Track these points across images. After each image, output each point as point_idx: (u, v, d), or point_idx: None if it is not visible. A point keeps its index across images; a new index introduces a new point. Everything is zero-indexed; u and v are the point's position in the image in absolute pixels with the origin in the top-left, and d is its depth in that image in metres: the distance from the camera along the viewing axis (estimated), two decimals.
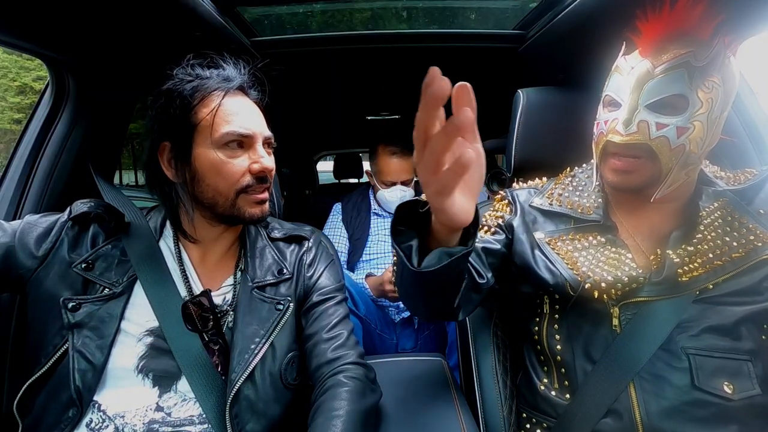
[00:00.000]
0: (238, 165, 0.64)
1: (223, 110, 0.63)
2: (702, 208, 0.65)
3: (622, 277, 0.63)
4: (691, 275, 0.61)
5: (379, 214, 1.65)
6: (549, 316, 0.70)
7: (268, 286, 0.69)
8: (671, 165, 0.61)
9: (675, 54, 0.59)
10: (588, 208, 0.72)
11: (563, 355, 0.67)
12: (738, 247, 0.61)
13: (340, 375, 0.64)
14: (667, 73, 0.59)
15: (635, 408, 0.60)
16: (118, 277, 0.64)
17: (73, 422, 0.57)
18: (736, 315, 0.59)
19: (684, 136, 0.59)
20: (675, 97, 0.59)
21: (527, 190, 0.81)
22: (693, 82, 0.58)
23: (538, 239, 0.72)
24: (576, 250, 0.69)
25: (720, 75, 0.59)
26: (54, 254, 0.63)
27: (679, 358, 0.60)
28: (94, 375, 0.58)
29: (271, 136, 0.69)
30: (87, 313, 0.60)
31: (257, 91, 0.71)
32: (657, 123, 0.60)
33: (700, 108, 0.59)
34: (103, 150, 1.03)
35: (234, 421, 0.58)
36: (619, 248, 0.67)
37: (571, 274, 0.66)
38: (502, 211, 0.81)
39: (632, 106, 0.62)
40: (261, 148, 0.66)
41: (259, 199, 0.66)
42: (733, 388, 0.57)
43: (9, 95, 10.43)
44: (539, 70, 1.24)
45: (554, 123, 0.91)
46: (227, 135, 0.63)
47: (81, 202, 0.68)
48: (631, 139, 0.62)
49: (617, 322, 0.64)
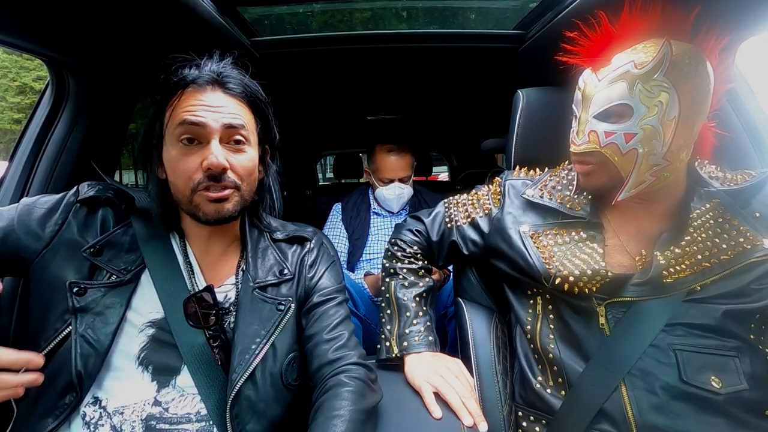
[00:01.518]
0: (191, 162, 0.60)
1: (183, 105, 0.61)
2: (693, 209, 0.66)
3: (587, 270, 0.65)
4: (677, 277, 0.62)
5: (379, 214, 1.65)
6: (542, 316, 0.72)
7: (270, 287, 0.69)
8: (629, 168, 0.64)
9: (616, 66, 0.64)
10: (577, 203, 0.74)
11: (555, 354, 0.68)
12: (727, 249, 0.62)
13: (342, 375, 0.64)
14: (609, 85, 0.64)
15: (627, 405, 0.61)
16: (127, 265, 0.63)
17: (69, 409, 0.56)
18: (722, 314, 0.60)
19: (633, 141, 0.63)
20: (619, 106, 0.63)
21: (522, 181, 0.84)
22: (634, 89, 0.61)
23: (522, 232, 0.76)
24: (556, 244, 0.72)
25: (668, 78, 0.60)
26: (61, 236, 0.62)
27: (667, 354, 0.61)
28: (96, 360, 0.57)
29: (239, 126, 0.62)
30: (92, 298, 0.59)
31: (240, 86, 0.65)
32: (605, 131, 0.64)
33: (646, 112, 0.61)
34: (103, 150, 1.03)
35: (234, 421, 0.58)
36: (595, 245, 0.69)
37: (545, 268, 0.69)
38: (492, 203, 0.85)
39: (583, 118, 0.67)
40: (215, 144, 0.60)
41: (213, 198, 0.61)
42: (721, 383, 0.58)
43: (9, 95, 10.44)
44: (539, 70, 1.24)
45: (554, 123, 0.91)
46: (178, 128, 0.60)
47: (88, 185, 0.67)
48: (585, 148, 0.67)
49: (604, 321, 0.66)
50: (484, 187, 0.91)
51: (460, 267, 0.95)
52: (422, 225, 0.93)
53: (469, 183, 1.00)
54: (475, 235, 0.85)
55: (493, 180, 0.91)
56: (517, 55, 1.21)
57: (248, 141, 0.65)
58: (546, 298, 0.72)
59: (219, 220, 0.63)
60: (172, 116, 0.62)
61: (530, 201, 0.79)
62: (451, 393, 0.68)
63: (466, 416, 0.64)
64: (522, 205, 0.80)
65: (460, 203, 0.91)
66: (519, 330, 0.77)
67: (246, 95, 0.66)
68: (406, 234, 0.93)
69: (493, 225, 0.81)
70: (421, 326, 0.80)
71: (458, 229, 0.87)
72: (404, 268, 0.88)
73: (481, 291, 0.90)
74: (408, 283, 0.86)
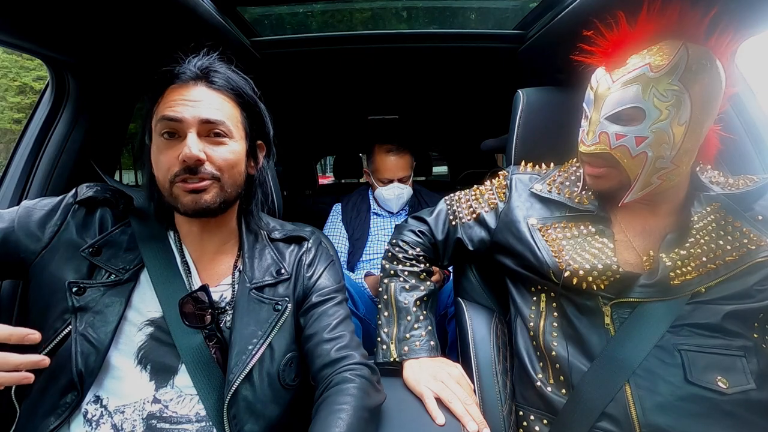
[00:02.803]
0: (170, 155, 0.61)
1: (165, 101, 0.62)
2: (694, 213, 0.66)
3: (598, 265, 0.65)
4: (684, 278, 0.62)
5: (379, 214, 1.65)
6: (546, 313, 0.72)
7: (267, 287, 0.69)
8: (637, 171, 0.64)
9: (631, 68, 0.63)
10: (584, 198, 0.74)
11: (558, 352, 0.68)
12: (731, 251, 0.62)
13: (347, 373, 0.64)
14: (623, 87, 0.63)
15: (631, 405, 0.61)
16: (125, 264, 0.64)
17: (71, 408, 0.56)
18: (726, 314, 0.60)
19: (643, 144, 0.62)
20: (631, 109, 0.62)
21: (529, 176, 0.84)
22: (648, 93, 0.61)
23: (531, 225, 0.76)
24: (565, 238, 0.72)
25: (682, 82, 0.60)
26: (60, 237, 0.63)
27: (672, 355, 0.60)
28: (97, 358, 0.58)
29: (217, 121, 0.62)
30: (91, 297, 0.60)
31: (224, 80, 0.65)
32: (616, 133, 0.64)
33: (659, 117, 0.61)
34: (103, 150, 1.02)
35: (232, 421, 0.58)
36: (605, 239, 0.69)
37: (555, 262, 0.69)
38: (497, 197, 0.85)
39: (595, 118, 0.67)
40: (190, 137, 0.60)
41: (189, 188, 0.61)
42: (727, 383, 0.58)
43: (9, 95, 10.42)
44: (539, 70, 1.24)
45: (554, 123, 0.91)
46: (159, 123, 0.61)
47: (87, 186, 0.68)
48: (595, 149, 0.67)
49: (609, 321, 0.65)
50: (487, 182, 0.90)
51: (460, 267, 0.94)
52: (425, 225, 0.92)
53: (469, 183, 1.00)
54: (481, 231, 0.84)
55: (495, 175, 0.90)
56: (517, 55, 1.21)
57: (230, 134, 0.64)
58: (550, 295, 0.72)
59: (198, 212, 0.62)
60: (156, 113, 0.63)
61: (538, 195, 0.79)
62: (454, 400, 0.67)
63: (470, 423, 0.64)
64: (529, 198, 0.80)
65: (462, 199, 0.90)
66: (521, 327, 0.76)
67: (230, 89, 0.66)
68: (408, 235, 0.92)
69: (501, 219, 0.81)
70: (422, 330, 0.80)
71: (463, 225, 0.87)
72: (405, 271, 0.88)
73: (482, 291, 0.90)
74: (409, 285, 0.86)
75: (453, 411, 0.66)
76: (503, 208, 0.82)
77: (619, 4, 0.68)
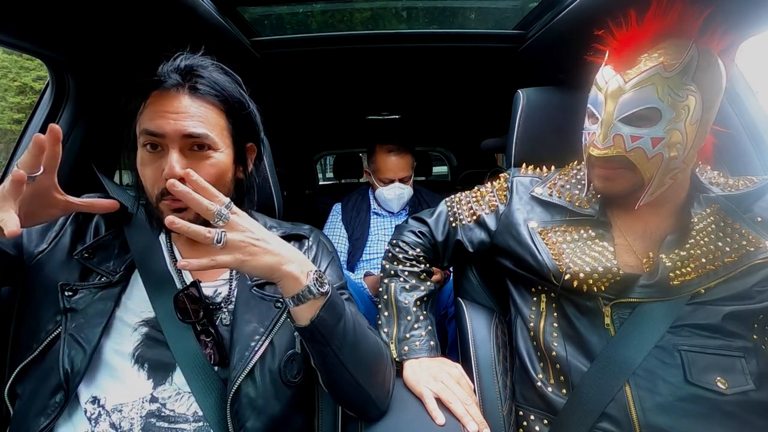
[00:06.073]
0: (154, 169, 0.60)
1: (147, 111, 0.61)
2: (694, 214, 0.66)
3: (598, 268, 0.65)
4: (683, 279, 0.62)
5: (379, 214, 1.65)
6: (546, 314, 0.72)
7: (268, 284, 0.69)
8: (652, 173, 0.63)
9: (644, 68, 0.61)
10: (585, 202, 0.74)
11: (558, 352, 0.68)
12: (731, 252, 0.62)
13: None
14: (637, 88, 0.61)
15: (631, 405, 0.61)
16: (116, 267, 0.65)
17: (60, 407, 0.57)
18: (725, 315, 0.60)
19: (660, 146, 0.61)
20: (647, 110, 0.61)
21: (530, 179, 0.84)
22: (663, 93, 0.60)
23: (531, 228, 0.75)
24: (565, 242, 0.72)
25: (695, 81, 0.60)
26: (57, 243, 0.66)
27: (672, 355, 0.61)
28: (83, 359, 0.58)
29: (200, 135, 0.60)
30: (82, 298, 0.62)
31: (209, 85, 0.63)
32: (632, 135, 0.62)
33: (674, 117, 0.60)
34: (103, 150, 1.02)
35: (234, 418, 0.58)
36: (605, 243, 0.69)
37: (555, 265, 0.69)
38: (497, 199, 0.85)
39: (607, 120, 0.64)
40: (173, 155, 0.59)
41: (174, 207, 0.60)
42: (726, 384, 0.58)
43: (9, 95, 10.42)
44: (539, 70, 1.24)
45: (554, 123, 0.91)
46: (141, 135, 0.61)
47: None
48: (609, 152, 0.64)
49: (609, 322, 0.65)
50: (487, 183, 0.90)
51: (460, 267, 0.94)
52: (425, 226, 0.92)
53: (469, 183, 1.00)
54: (482, 233, 0.84)
55: (494, 177, 0.90)
56: (517, 55, 1.21)
57: (214, 146, 0.63)
58: (551, 296, 0.72)
59: None
60: (139, 121, 0.62)
61: (539, 198, 0.79)
62: (454, 400, 0.67)
63: (470, 423, 0.64)
64: (530, 201, 0.80)
65: (463, 201, 0.90)
66: (521, 327, 0.76)
67: (215, 95, 0.63)
68: (409, 235, 0.92)
69: (501, 222, 0.81)
70: (423, 330, 0.80)
71: (463, 227, 0.87)
72: (406, 271, 0.88)
73: (482, 291, 0.90)
74: (409, 286, 0.86)
75: (453, 411, 0.66)
76: (504, 210, 0.82)
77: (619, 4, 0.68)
